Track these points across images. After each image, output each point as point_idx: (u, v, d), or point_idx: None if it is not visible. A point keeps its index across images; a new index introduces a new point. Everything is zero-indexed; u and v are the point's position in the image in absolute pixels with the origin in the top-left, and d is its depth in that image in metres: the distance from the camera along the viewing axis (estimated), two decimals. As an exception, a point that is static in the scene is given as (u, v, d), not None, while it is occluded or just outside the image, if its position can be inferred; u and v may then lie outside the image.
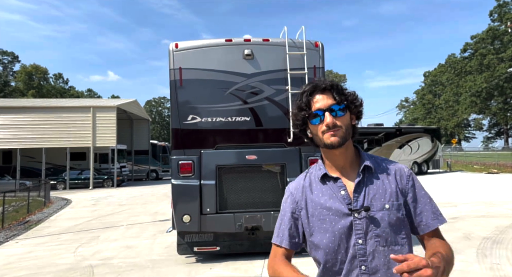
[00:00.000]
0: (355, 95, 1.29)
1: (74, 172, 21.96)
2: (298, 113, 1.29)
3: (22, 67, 52.28)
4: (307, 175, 1.37)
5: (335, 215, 1.23)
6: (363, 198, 1.23)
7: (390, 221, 1.20)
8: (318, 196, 1.28)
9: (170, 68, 5.72)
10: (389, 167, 1.30)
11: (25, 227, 10.00)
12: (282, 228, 1.33)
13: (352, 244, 1.20)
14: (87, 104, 22.01)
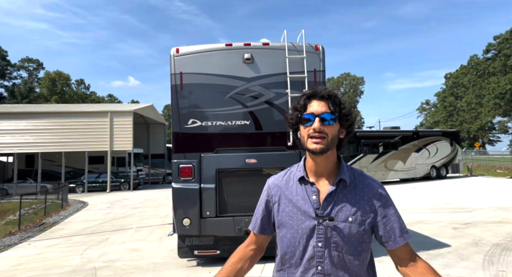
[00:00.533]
0: (350, 111, 1.34)
1: (92, 176, 22.49)
2: (293, 112, 1.37)
3: (46, 74, 54.20)
4: (288, 173, 1.46)
5: (302, 215, 1.33)
6: (331, 208, 1.31)
7: (350, 233, 1.29)
8: (292, 195, 1.38)
9: (171, 73, 5.80)
10: (364, 184, 1.37)
11: (40, 229, 10.30)
12: (256, 217, 1.49)
13: (312, 245, 1.30)
14: (104, 109, 22.55)
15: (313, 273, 1.30)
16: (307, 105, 1.33)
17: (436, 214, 9.95)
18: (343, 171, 1.36)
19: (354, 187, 1.35)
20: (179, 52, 5.83)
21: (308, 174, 1.38)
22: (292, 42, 5.98)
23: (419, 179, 22.04)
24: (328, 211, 1.31)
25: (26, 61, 55.72)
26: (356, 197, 1.33)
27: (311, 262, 1.30)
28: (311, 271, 1.30)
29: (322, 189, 1.34)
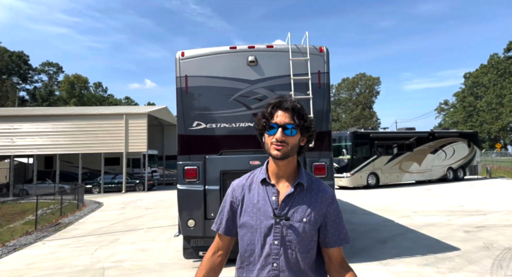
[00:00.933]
0: (311, 122, 1.47)
1: (108, 177, 22.92)
2: (261, 119, 1.46)
3: (65, 77, 55.68)
4: (251, 175, 1.56)
5: (261, 215, 1.42)
6: (288, 208, 1.43)
7: (303, 232, 1.40)
8: (253, 196, 1.47)
9: (177, 76, 5.89)
10: (319, 188, 1.49)
11: (55, 229, 10.57)
12: (221, 217, 1.55)
13: (269, 243, 1.40)
14: (119, 111, 22.97)
15: (269, 269, 1.38)
16: (274, 114, 1.42)
17: (448, 217, 9.74)
18: (302, 175, 1.48)
19: (310, 191, 1.47)
20: (184, 56, 5.92)
21: (269, 176, 1.48)
22: (296, 44, 5.99)
23: (435, 181, 21.60)
24: (285, 211, 1.41)
25: (47, 65, 57.33)
26: (311, 200, 1.45)
27: (268, 259, 1.39)
28: (267, 268, 1.39)
29: (281, 191, 1.45)
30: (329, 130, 5.88)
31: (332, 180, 5.77)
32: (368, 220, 9.80)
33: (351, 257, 6.16)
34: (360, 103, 78.29)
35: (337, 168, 19.58)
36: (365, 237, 7.69)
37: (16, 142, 22.69)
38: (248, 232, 1.44)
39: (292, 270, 1.39)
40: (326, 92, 5.92)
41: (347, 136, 19.93)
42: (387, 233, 8.04)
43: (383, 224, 9.19)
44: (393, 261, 5.89)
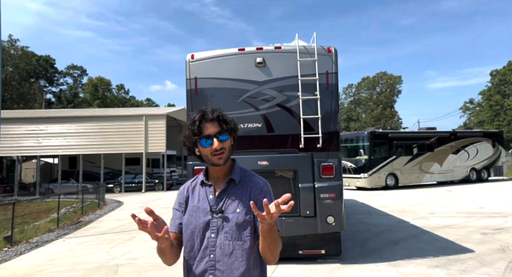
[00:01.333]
0: (234, 123, 1.64)
1: (129, 176, 23.51)
2: (190, 137, 1.55)
3: (89, 80, 57.40)
4: (196, 179, 1.69)
5: (200, 213, 1.57)
6: (222, 203, 1.57)
7: (237, 222, 1.53)
8: (195, 197, 1.62)
9: (187, 78, 6.02)
10: (251, 181, 1.63)
11: (76, 227, 10.96)
12: (174, 219, 1.66)
13: (207, 237, 1.52)
14: (139, 113, 23.53)
15: (206, 261, 1.49)
16: (202, 127, 1.54)
17: (467, 219, 9.51)
18: (234, 172, 1.62)
19: (243, 184, 1.61)
20: (194, 58, 6.04)
21: (208, 178, 1.63)
22: (304, 45, 6.02)
23: (457, 182, 21.04)
24: (220, 205, 1.56)
25: (72, 68, 59.19)
26: (243, 192, 1.59)
27: (205, 251, 1.50)
28: (205, 259, 1.50)
29: (218, 189, 1.60)
30: (337, 131, 5.87)
31: (340, 181, 5.76)
32: (383, 221, 9.68)
33: (361, 257, 6.14)
34: (380, 103, 76.97)
35: (354, 169, 19.39)
36: (378, 238, 7.62)
37: (42, 143, 23.59)
38: (188, 229, 1.55)
39: (228, 259, 1.49)
40: (334, 93, 5.92)
41: (365, 136, 19.68)
42: (400, 234, 7.94)
43: (398, 225, 9.06)
44: (403, 262, 5.82)
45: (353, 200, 14.68)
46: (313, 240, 5.81)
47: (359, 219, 10.02)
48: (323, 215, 5.59)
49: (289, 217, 5.65)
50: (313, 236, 5.77)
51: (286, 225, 5.62)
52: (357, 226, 8.93)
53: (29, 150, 24.14)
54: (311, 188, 5.63)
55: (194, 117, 1.56)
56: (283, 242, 5.49)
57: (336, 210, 5.62)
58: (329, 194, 5.63)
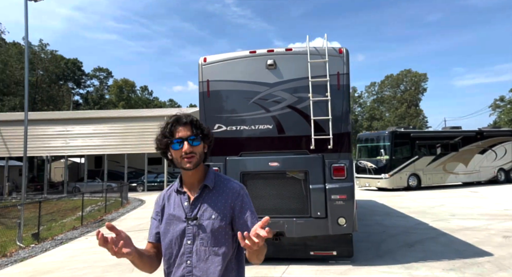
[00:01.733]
0: (208, 130, 1.65)
1: (151, 176, 24.10)
2: (162, 139, 1.58)
3: (114, 82, 59.13)
4: (171, 187, 1.69)
5: (176, 220, 1.58)
6: (197, 210, 1.58)
7: (213, 228, 1.55)
8: (171, 205, 1.62)
9: (199, 81, 6.15)
10: (226, 186, 1.64)
11: (99, 225, 11.36)
12: (152, 229, 1.67)
13: (184, 244, 1.55)
14: (161, 114, 24.06)
15: (184, 267, 1.53)
16: (174, 131, 1.55)
17: (489, 221, 9.22)
18: (208, 178, 1.63)
19: (218, 190, 1.61)
20: (206, 61, 6.17)
21: (183, 185, 1.63)
22: (315, 46, 6.03)
23: (484, 183, 20.34)
24: (195, 212, 1.56)
25: (98, 71, 61.07)
26: (219, 198, 1.59)
27: (182, 258, 1.53)
28: (182, 266, 1.53)
29: (192, 196, 1.60)
30: (349, 132, 5.86)
31: (352, 182, 5.74)
32: (401, 222, 9.53)
33: (373, 259, 6.09)
34: (405, 101, 75.27)
35: (375, 169, 19.09)
36: (393, 240, 7.52)
37: (69, 143, 24.50)
38: (166, 238, 1.57)
39: (204, 265, 1.51)
40: (345, 94, 5.90)
41: (386, 136, 19.34)
42: (417, 236, 7.80)
43: (416, 227, 8.90)
44: (416, 264, 5.74)
45: (372, 201, 14.49)
46: (325, 241, 5.81)
47: (376, 220, 9.90)
48: (334, 217, 5.59)
49: (300, 218, 5.68)
50: (324, 237, 5.77)
51: (297, 226, 5.66)
52: (373, 228, 8.83)
53: (57, 150, 25.15)
54: (322, 189, 5.64)
55: (168, 120, 1.59)
56: (294, 243, 5.56)
57: (347, 211, 5.60)
58: (340, 196, 5.62)
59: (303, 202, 5.74)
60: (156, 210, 1.67)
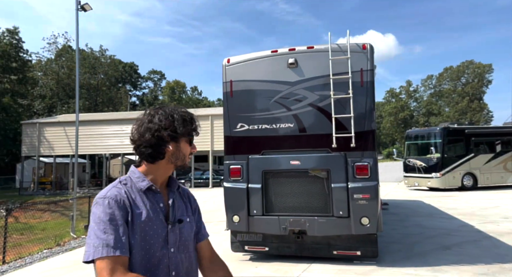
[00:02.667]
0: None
1: (198, 173, 25.01)
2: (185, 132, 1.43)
3: (167, 83, 62.14)
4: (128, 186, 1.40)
5: (154, 225, 1.36)
6: (176, 212, 1.45)
7: (188, 232, 1.47)
8: (141, 207, 1.36)
9: (223, 82, 6.33)
10: (184, 189, 1.60)
11: (144, 219, 12.05)
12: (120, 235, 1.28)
13: (166, 251, 1.37)
14: (206, 113, 24.85)
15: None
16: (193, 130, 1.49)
17: (545, 226, 8.42)
18: (174, 179, 1.52)
19: (183, 192, 1.56)
20: (230, 62, 6.33)
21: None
22: (338, 43, 5.94)
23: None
24: (175, 216, 1.43)
25: (152, 73, 64.45)
26: (185, 200, 1.54)
27: (166, 270, 1.36)
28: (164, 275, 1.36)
29: (164, 197, 1.45)
30: (373, 129, 5.71)
31: (376, 181, 5.58)
32: (443, 224, 9.02)
33: (401, 261, 5.88)
34: (466, 94, 70.23)
35: (425, 168, 18.11)
36: (429, 242, 7.17)
37: (124, 142, 26.17)
38: (142, 247, 1.32)
39: (190, 272, 1.44)
40: (369, 90, 5.74)
41: (437, 133, 18.25)
42: (457, 239, 7.36)
43: (459, 229, 8.38)
44: (446, 267, 5.45)
45: (418, 201, 13.81)
46: (348, 241, 5.73)
47: (416, 221, 9.46)
48: (357, 216, 5.48)
49: (322, 217, 5.65)
50: (348, 237, 5.69)
51: (319, 224, 5.63)
52: (411, 229, 8.46)
53: (114, 148, 27.02)
54: (344, 188, 5.56)
55: (189, 116, 1.47)
56: (317, 241, 5.62)
57: (371, 211, 5.47)
58: (363, 195, 5.50)
59: (325, 201, 5.70)
60: (121, 213, 1.31)
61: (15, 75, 39.06)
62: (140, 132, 1.41)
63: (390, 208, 11.68)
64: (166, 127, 1.40)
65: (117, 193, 1.35)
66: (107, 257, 1.22)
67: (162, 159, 1.41)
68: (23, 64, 40.77)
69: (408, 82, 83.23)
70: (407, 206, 12.37)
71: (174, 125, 1.41)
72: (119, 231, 1.27)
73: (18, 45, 39.98)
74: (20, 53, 40.38)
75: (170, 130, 1.40)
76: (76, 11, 10.83)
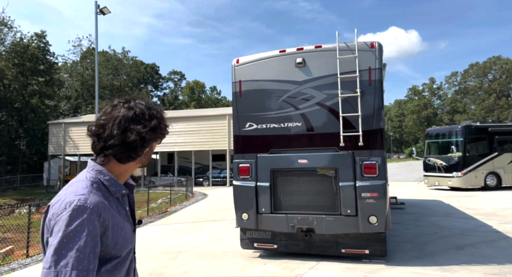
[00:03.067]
0: None
1: (216, 171, 25.33)
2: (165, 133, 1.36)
3: (186, 83, 63.09)
4: (99, 189, 1.22)
5: (127, 233, 1.26)
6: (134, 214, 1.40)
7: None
8: (115, 214, 1.22)
9: (232, 82, 6.45)
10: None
11: (161, 216, 12.36)
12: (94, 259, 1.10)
13: (133, 255, 1.33)
14: (223, 113, 25.11)
15: None
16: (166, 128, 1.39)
17: None
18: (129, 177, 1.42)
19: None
20: (239, 62, 6.43)
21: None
22: (346, 42, 5.95)
23: None
24: (135, 217, 1.37)
25: (173, 74, 65.52)
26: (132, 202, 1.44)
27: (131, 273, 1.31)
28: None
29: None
30: (381, 128, 5.69)
31: (384, 180, 5.57)
32: (460, 224, 8.84)
33: (411, 260, 5.84)
34: (493, 91, 67.88)
35: (445, 167, 17.68)
36: (442, 241, 7.06)
37: (145, 141, 26.83)
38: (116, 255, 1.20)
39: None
40: (377, 89, 5.73)
41: (458, 131, 17.78)
42: (472, 239, 7.22)
43: (476, 229, 8.20)
44: (457, 267, 5.38)
45: (437, 201, 13.53)
46: (357, 240, 5.74)
47: (432, 221, 9.30)
48: (365, 215, 5.49)
49: (330, 215, 5.68)
50: (356, 235, 5.71)
51: (327, 223, 5.67)
52: (425, 229, 8.34)
53: (135, 148, 27.68)
54: (352, 187, 5.57)
55: (163, 113, 1.37)
56: (325, 240, 5.72)
57: (379, 210, 5.47)
58: (371, 194, 5.50)
59: (333, 199, 5.73)
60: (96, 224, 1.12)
61: (42, 77, 40.58)
62: (121, 129, 1.22)
63: (406, 208, 11.53)
64: (152, 127, 1.28)
65: (98, 201, 1.15)
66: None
67: (135, 159, 1.29)
68: (50, 67, 42.30)
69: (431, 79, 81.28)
70: (424, 206, 12.16)
71: (157, 125, 1.30)
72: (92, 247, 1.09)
73: (45, 48, 41.50)
74: (47, 56, 41.90)
75: (152, 130, 1.28)
76: (95, 14, 11.22)
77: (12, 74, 37.56)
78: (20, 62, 37.74)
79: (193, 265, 6.08)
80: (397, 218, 9.67)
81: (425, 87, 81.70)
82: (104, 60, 50.47)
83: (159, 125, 1.31)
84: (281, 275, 5.40)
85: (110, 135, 1.22)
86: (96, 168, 1.25)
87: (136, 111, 1.28)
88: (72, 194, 1.14)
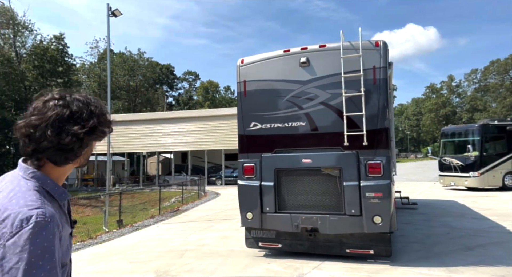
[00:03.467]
0: None
1: (228, 171, 25.46)
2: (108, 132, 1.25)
3: (201, 83, 63.61)
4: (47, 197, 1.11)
5: (69, 241, 1.18)
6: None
7: None
8: (63, 222, 1.13)
9: (237, 82, 6.48)
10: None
11: (173, 215, 12.52)
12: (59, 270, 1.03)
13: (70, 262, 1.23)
14: (234, 112, 25.11)
15: None
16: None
17: None
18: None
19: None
20: (244, 63, 6.47)
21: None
22: (350, 41, 5.90)
23: None
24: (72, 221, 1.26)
25: (187, 74, 66.20)
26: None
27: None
28: None
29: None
30: (386, 127, 5.63)
31: (389, 180, 5.51)
32: (473, 225, 8.64)
33: (417, 261, 5.76)
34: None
35: (461, 167, 17.29)
36: (452, 242, 6.93)
37: (159, 141, 27.17)
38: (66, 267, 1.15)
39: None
40: (382, 88, 5.67)
41: (475, 130, 17.36)
42: (483, 240, 7.06)
43: (488, 230, 8.01)
44: (463, 268, 5.28)
45: (452, 201, 13.26)
46: (361, 240, 5.70)
47: (444, 221, 9.13)
48: (369, 215, 5.45)
49: (334, 215, 5.66)
50: (361, 235, 5.67)
51: (331, 222, 5.65)
52: (436, 229, 8.20)
53: (150, 147, 28.11)
54: (356, 186, 5.53)
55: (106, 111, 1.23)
56: (330, 239, 5.76)
57: (383, 210, 5.42)
58: (375, 193, 5.46)
59: (337, 199, 5.70)
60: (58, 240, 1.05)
61: (61, 78, 41.59)
62: (55, 130, 1.09)
63: (419, 208, 11.35)
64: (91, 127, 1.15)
65: (53, 213, 1.06)
66: None
67: (73, 160, 1.17)
68: (68, 68, 43.28)
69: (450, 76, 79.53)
70: (438, 206, 11.94)
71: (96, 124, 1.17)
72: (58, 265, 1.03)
73: (63, 50, 42.50)
74: (65, 57, 42.91)
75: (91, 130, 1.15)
76: (107, 16, 11.45)
77: (32, 76, 38.64)
78: (40, 64, 38.79)
79: (198, 263, 6.15)
80: (408, 218, 9.54)
81: (444, 84, 79.96)
82: (121, 61, 51.30)
83: (99, 123, 1.18)
84: (284, 274, 5.41)
85: (43, 137, 1.08)
86: (35, 175, 1.11)
87: (73, 109, 1.13)
88: (24, 207, 1.01)
